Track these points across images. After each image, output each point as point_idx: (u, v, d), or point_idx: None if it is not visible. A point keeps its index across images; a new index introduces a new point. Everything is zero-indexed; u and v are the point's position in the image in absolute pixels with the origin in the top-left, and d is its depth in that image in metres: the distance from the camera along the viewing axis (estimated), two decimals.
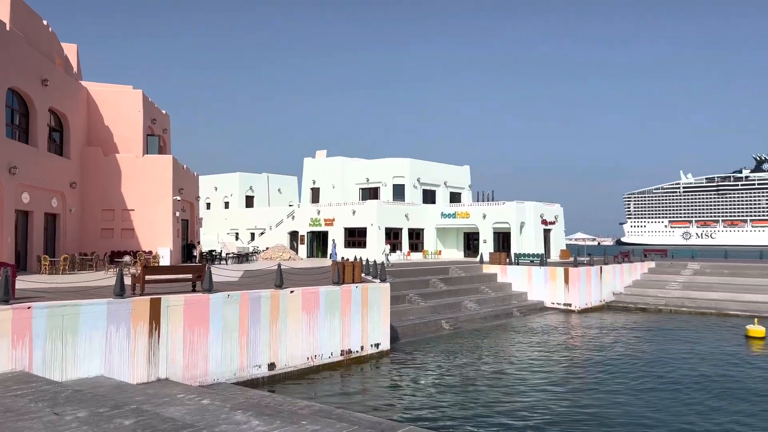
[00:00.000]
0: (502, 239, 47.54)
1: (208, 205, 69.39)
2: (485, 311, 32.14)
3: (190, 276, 18.28)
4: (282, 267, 20.93)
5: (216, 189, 69.84)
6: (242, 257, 38.89)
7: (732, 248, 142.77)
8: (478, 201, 51.65)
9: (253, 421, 11.06)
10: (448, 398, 16.70)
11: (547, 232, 49.31)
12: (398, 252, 46.94)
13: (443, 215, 49.76)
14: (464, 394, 17.08)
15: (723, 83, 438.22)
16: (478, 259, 42.57)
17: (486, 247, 46.63)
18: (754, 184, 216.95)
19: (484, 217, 47.29)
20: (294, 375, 18.81)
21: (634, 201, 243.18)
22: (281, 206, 63.61)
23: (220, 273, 24.87)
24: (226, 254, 38.33)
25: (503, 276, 38.62)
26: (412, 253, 48.05)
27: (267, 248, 46.48)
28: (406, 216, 48.17)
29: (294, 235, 52.22)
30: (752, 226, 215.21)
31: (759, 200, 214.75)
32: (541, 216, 48.15)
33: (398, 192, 53.06)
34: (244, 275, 25.62)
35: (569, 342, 26.04)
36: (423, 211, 50.23)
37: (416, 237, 49.48)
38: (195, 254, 34.19)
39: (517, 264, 39.42)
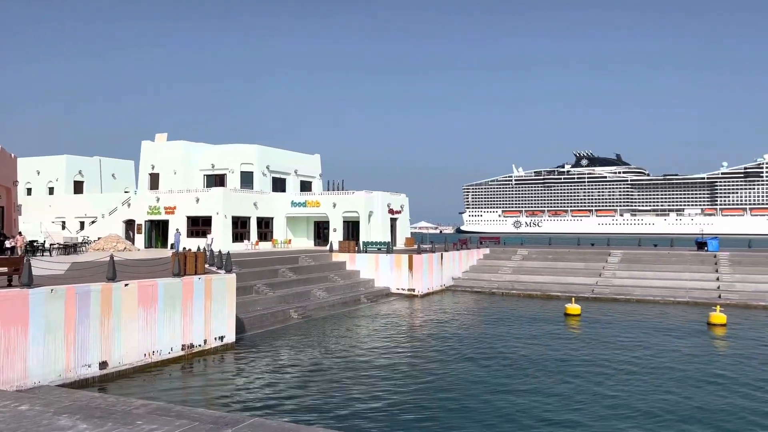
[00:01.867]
0: (352, 228, 48.28)
1: (29, 191, 62.33)
2: (334, 299, 32.48)
3: (5, 269, 16.28)
4: (115, 258, 19.41)
5: (39, 173, 62.88)
6: (69, 248, 35.47)
7: (555, 236, 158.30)
8: (328, 190, 51.93)
9: (80, 425, 10.15)
10: (294, 388, 16.63)
11: (393, 220, 50.97)
12: (246, 241, 45.77)
13: (294, 204, 49.34)
14: (311, 383, 17.12)
15: (549, 83, 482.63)
16: (328, 247, 42.86)
17: (336, 235, 47.07)
18: (574, 178, 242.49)
19: (335, 206, 47.67)
20: (129, 373, 17.59)
21: (472, 192, 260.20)
22: (116, 193, 58.95)
23: (42, 266, 22.42)
24: (50, 245, 34.70)
25: (352, 264, 39.29)
26: (260, 243, 47.10)
27: (99, 238, 42.87)
28: (254, 204, 47.05)
29: (130, 224, 48.71)
30: (572, 216, 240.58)
31: (578, 192, 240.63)
32: (388, 205, 49.63)
33: (246, 180, 51.63)
34: (71, 268, 23.38)
35: (413, 325, 27.20)
36: (272, 200, 49.39)
37: (265, 226, 48.56)
38: (9, 246, 30.44)
39: (365, 252, 40.33)
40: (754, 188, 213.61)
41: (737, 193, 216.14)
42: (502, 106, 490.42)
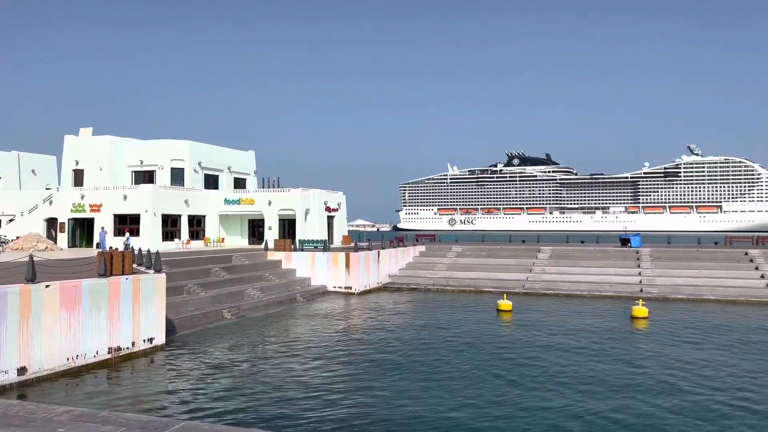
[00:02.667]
0: (288, 226, 47.75)
1: None
2: (269, 298, 32.04)
3: None
4: (36, 258, 18.40)
5: None
6: None
7: (489, 233, 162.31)
8: (263, 187, 51.12)
9: None
10: (227, 389, 16.29)
11: (330, 218, 50.76)
12: (176, 240, 44.43)
13: (227, 201, 48.29)
14: (244, 384, 16.82)
15: (483, 84, 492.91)
16: (263, 246, 42.20)
17: (271, 234, 46.42)
18: (506, 177, 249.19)
19: (270, 203, 46.99)
20: (51, 378, 16.73)
21: (409, 190, 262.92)
22: (36, 189, 55.90)
23: None
24: None
25: (288, 262, 38.88)
26: (192, 242, 45.84)
27: (17, 237, 40.54)
28: (185, 202, 45.73)
29: (52, 223, 46.32)
30: (505, 214, 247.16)
31: (510, 191, 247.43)
32: (325, 203, 49.39)
33: (177, 176, 50.08)
34: None
35: (349, 323, 27.20)
36: (205, 197, 48.16)
37: (197, 224, 47.30)
38: None
39: (302, 250, 40.00)
40: (673, 188, 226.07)
41: (658, 192, 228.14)
42: (438, 105, 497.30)
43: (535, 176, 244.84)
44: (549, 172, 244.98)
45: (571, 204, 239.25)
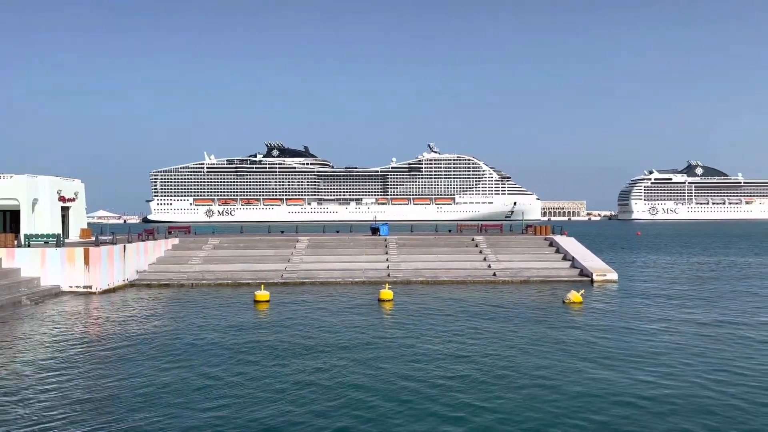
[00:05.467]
0: (10, 218, 41.09)
1: None
2: None
3: None
4: None
5: None
6: None
7: (248, 224, 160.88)
8: None
9: None
10: None
11: (65, 209, 45.05)
12: None
13: None
14: None
15: (241, 73, 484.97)
16: None
17: None
18: (265, 168, 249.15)
19: None
20: None
21: (161, 179, 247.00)
22: None
23: None
24: None
25: (10, 261, 33.53)
26: None
27: None
28: None
29: None
30: (264, 204, 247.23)
31: (269, 182, 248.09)
32: (58, 192, 43.61)
33: None
34: None
35: (88, 328, 24.49)
36: None
37: None
38: None
39: (28, 246, 34.88)
40: (416, 181, 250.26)
41: (404, 185, 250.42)
42: (192, 92, 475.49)
43: (294, 168, 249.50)
44: (307, 164, 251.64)
45: (328, 195, 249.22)
